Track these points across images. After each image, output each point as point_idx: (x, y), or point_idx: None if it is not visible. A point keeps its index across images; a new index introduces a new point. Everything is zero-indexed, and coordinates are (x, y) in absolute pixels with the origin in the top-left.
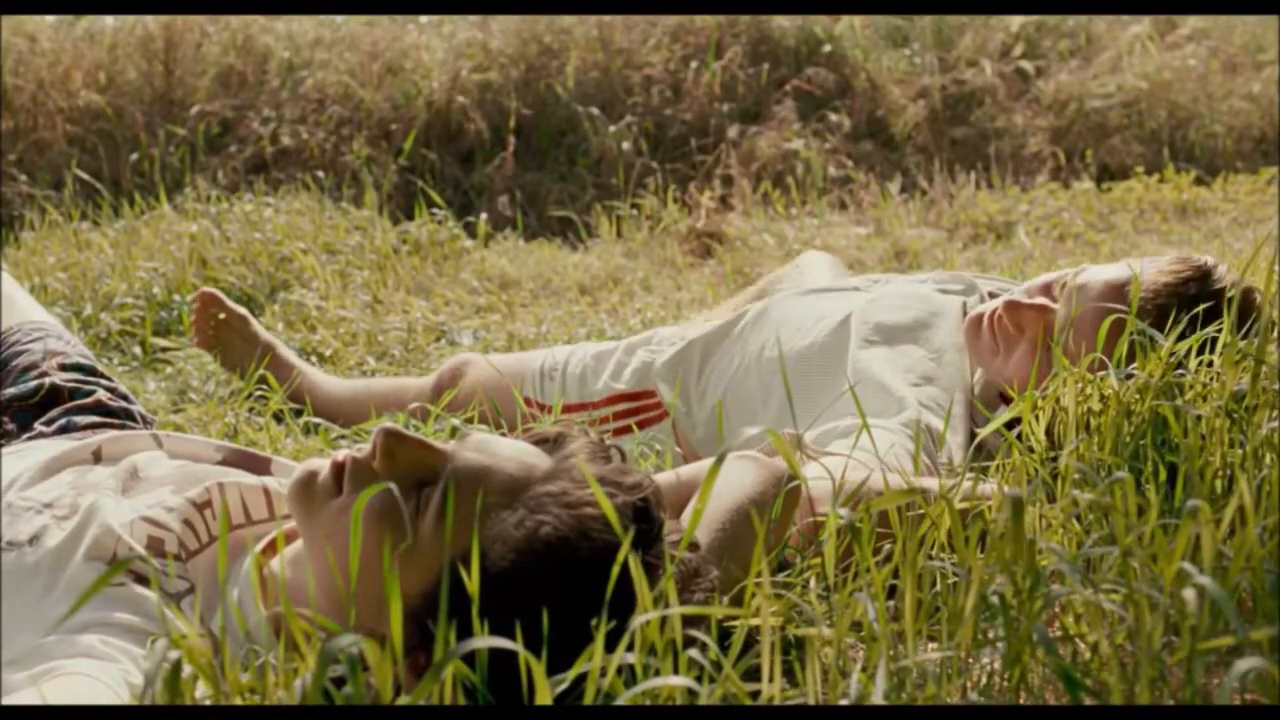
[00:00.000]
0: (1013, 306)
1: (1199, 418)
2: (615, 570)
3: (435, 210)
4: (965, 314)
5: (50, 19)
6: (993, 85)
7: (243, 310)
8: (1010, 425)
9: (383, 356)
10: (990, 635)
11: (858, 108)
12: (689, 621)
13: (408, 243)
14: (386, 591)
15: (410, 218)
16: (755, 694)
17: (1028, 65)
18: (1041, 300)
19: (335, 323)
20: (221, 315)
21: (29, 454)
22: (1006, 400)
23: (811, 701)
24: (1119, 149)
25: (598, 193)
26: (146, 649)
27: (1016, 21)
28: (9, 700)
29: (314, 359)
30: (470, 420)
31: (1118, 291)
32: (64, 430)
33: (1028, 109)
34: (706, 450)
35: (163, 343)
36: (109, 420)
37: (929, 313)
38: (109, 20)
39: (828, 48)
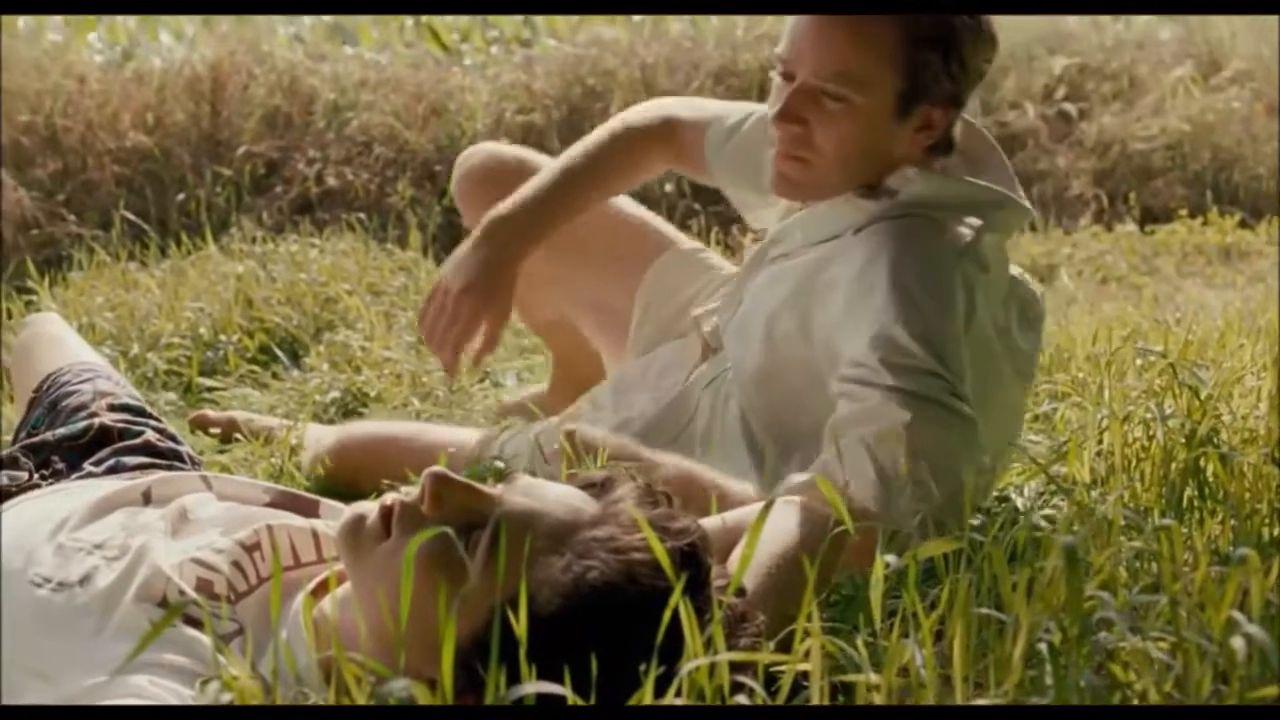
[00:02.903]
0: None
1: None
2: (666, 616)
3: None
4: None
5: (99, 59)
6: (1036, 128)
7: (230, 414)
8: None
9: (427, 398)
10: (1039, 683)
11: None
12: (737, 668)
13: None
14: (437, 635)
15: None
16: None
17: (1070, 108)
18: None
19: (380, 364)
20: (215, 430)
21: (79, 494)
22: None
23: None
24: (1162, 191)
25: None
26: (195, 690)
27: (1059, 64)
28: None
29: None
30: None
31: None
32: (113, 471)
33: (1071, 151)
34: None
35: (208, 382)
36: (157, 461)
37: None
38: (157, 62)
39: None
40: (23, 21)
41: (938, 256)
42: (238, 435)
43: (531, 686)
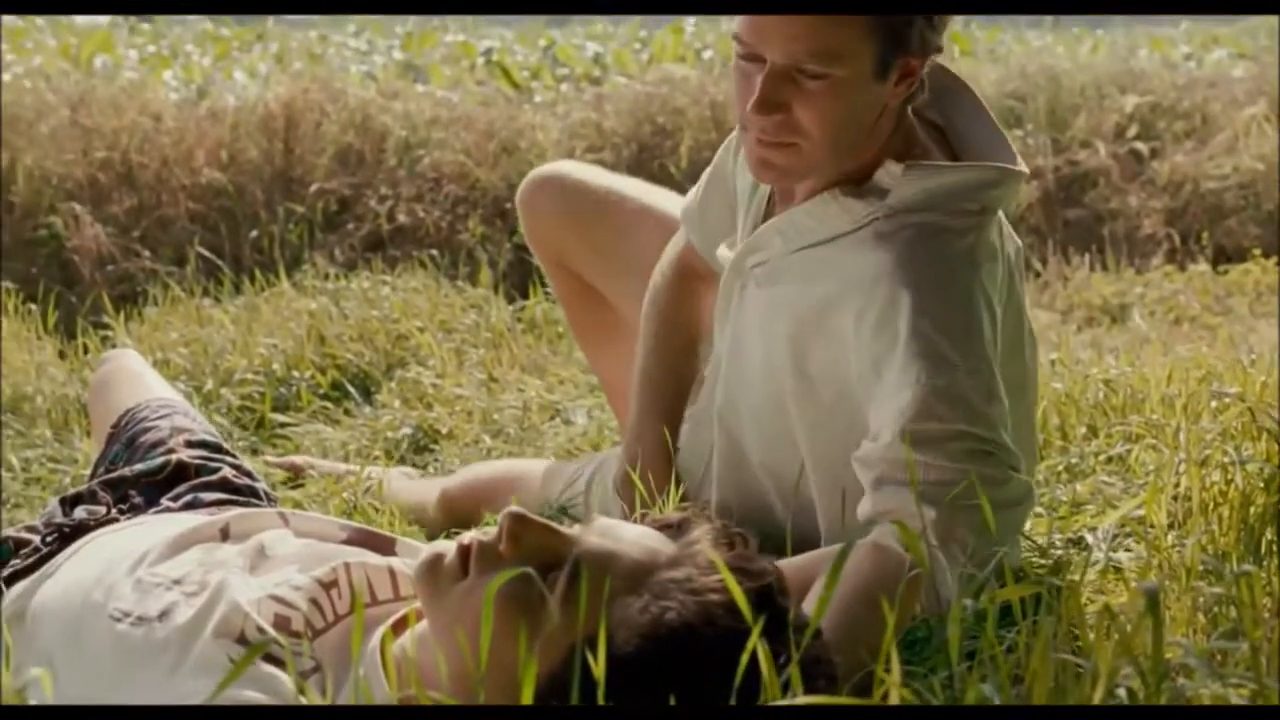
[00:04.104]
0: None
1: None
2: (745, 658)
3: (549, 289)
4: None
5: (174, 97)
6: (1107, 167)
7: (290, 459)
8: None
9: (498, 435)
10: None
11: None
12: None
13: (522, 321)
14: (515, 675)
15: (525, 296)
16: None
17: (1142, 147)
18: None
19: (451, 400)
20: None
21: (157, 529)
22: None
23: None
24: (1235, 231)
25: None
26: None
27: (1131, 103)
28: None
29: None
30: None
31: None
32: (190, 507)
33: (1142, 190)
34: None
35: (281, 418)
36: (234, 498)
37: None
38: (231, 100)
39: None
40: (100, 60)
41: (951, 275)
42: (311, 471)
43: None
